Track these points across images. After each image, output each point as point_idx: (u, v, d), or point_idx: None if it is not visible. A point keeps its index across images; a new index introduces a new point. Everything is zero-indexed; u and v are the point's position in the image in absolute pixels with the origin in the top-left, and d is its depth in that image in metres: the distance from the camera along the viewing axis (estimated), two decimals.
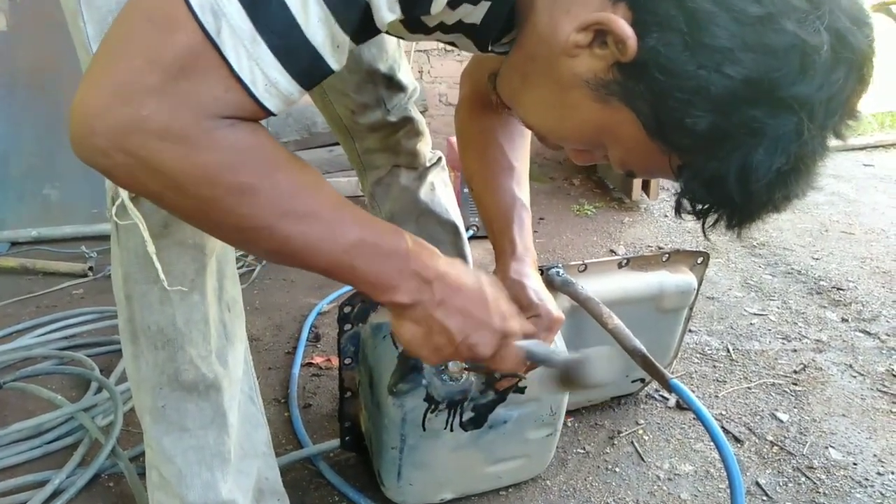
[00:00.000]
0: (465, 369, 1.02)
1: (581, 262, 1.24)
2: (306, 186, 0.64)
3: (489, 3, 0.67)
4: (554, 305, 1.00)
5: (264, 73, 0.56)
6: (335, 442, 1.29)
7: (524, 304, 0.98)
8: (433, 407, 1.03)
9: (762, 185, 0.60)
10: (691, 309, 1.39)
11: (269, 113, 0.60)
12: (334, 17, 0.57)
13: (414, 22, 0.71)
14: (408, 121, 1.32)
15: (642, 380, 1.46)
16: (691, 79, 0.57)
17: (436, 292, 0.70)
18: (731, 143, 0.59)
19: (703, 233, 0.68)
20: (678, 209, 0.68)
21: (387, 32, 0.72)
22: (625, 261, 1.30)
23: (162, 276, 0.80)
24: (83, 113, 0.55)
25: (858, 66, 0.58)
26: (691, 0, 0.56)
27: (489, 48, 0.75)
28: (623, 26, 0.58)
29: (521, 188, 1.07)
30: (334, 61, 0.61)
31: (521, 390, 1.07)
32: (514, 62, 0.73)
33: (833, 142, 0.62)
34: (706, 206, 0.65)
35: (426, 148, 1.37)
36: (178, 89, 0.54)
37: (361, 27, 0.61)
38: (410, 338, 0.73)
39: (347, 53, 0.63)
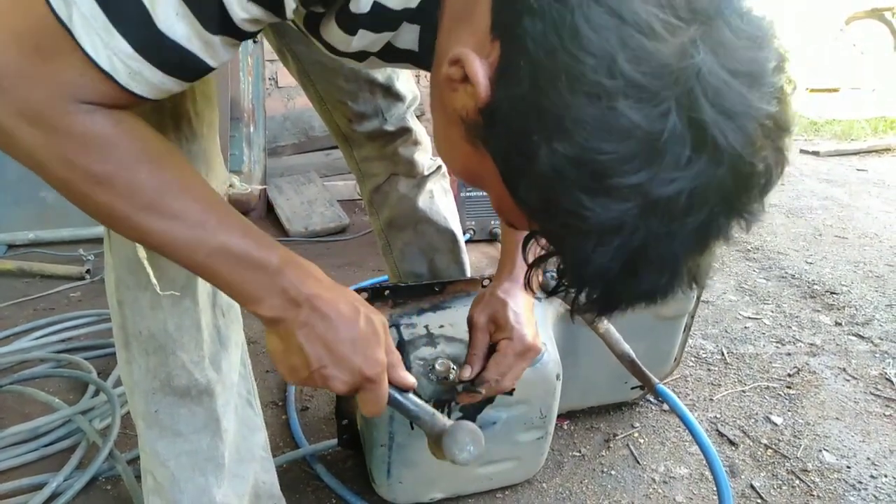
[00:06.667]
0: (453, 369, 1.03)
1: None
2: (173, 185, 0.62)
3: (418, 27, 0.65)
4: (532, 332, 0.97)
5: (125, 63, 0.54)
6: (332, 442, 1.30)
7: (500, 324, 0.98)
8: None
9: (597, 279, 0.52)
10: (692, 316, 1.39)
11: (142, 99, 0.58)
12: (194, 15, 0.54)
13: (329, 48, 0.69)
14: (406, 131, 1.32)
15: (642, 387, 1.46)
16: (525, 143, 0.50)
17: (301, 314, 0.68)
18: (562, 227, 0.52)
19: (571, 312, 0.60)
20: (527, 280, 0.62)
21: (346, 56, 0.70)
22: None
23: (154, 279, 0.80)
24: None
25: (727, 162, 0.47)
26: (537, 53, 0.48)
27: None
28: (475, 68, 0.53)
29: None
30: (209, 59, 0.58)
31: (510, 392, 1.08)
32: (431, 84, 0.68)
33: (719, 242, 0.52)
34: (556, 284, 0.58)
35: (424, 157, 1.37)
36: (34, 68, 0.54)
37: (229, 26, 0.57)
38: (271, 350, 0.72)
39: (230, 52, 0.60)
